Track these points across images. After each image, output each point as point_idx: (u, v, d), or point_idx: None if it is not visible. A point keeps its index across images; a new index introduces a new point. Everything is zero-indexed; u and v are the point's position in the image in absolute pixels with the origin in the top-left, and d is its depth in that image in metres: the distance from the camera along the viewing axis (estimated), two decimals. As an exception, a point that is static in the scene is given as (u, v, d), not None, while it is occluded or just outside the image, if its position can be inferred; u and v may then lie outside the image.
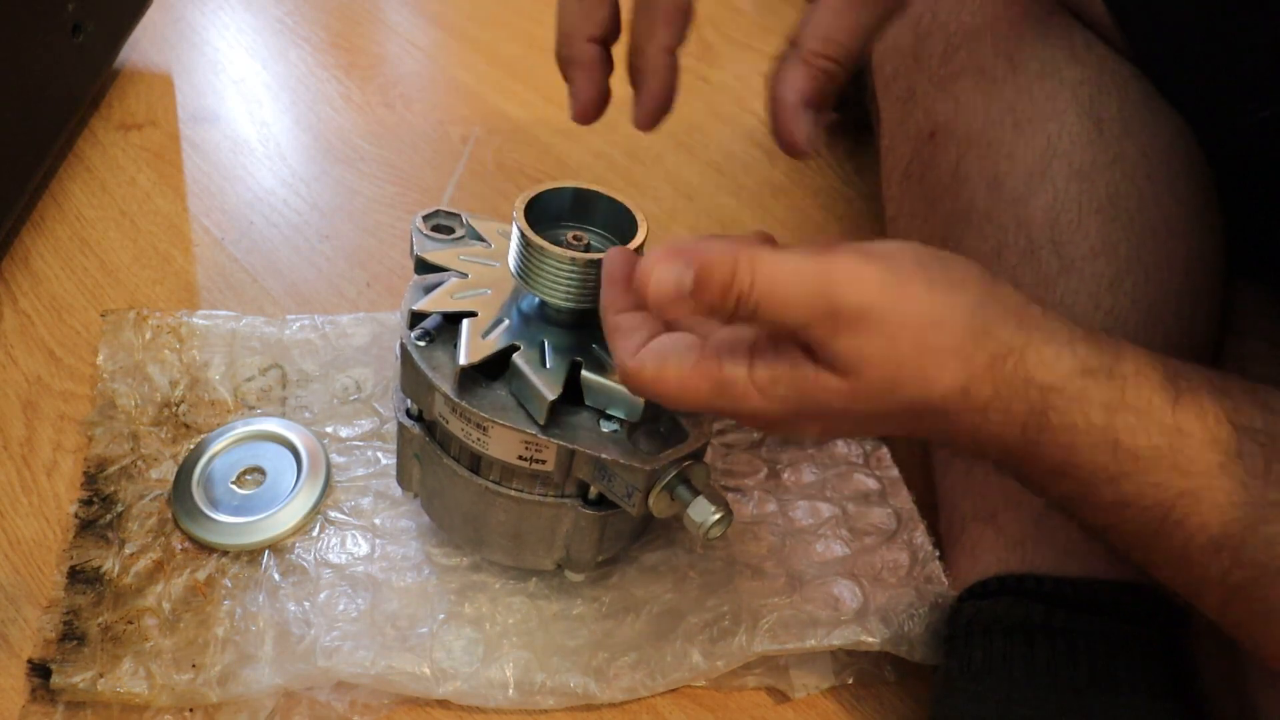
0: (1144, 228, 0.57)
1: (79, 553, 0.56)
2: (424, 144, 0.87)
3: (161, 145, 0.84)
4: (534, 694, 0.54)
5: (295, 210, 0.80)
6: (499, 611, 0.56)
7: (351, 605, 0.55)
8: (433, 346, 0.49)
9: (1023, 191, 0.58)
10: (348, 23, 1.01)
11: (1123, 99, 0.58)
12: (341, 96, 0.92)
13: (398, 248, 0.78)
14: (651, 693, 0.55)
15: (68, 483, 0.61)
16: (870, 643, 0.56)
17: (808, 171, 0.90)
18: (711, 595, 0.57)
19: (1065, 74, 0.59)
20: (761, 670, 0.56)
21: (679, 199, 0.86)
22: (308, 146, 0.86)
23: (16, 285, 0.71)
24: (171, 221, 0.78)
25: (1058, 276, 0.56)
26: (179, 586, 0.55)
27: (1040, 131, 0.58)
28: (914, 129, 0.64)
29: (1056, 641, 0.50)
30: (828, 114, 0.42)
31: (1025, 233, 0.57)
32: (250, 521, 0.58)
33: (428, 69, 0.96)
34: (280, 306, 0.73)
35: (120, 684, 0.51)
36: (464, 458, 0.51)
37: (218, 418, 0.64)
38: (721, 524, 0.46)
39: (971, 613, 0.53)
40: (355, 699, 0.53)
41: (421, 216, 0.55)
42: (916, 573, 0.59)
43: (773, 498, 0.63)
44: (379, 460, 0.62)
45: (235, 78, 0.92)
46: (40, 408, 0.64)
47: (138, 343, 0.67)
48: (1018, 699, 0.49)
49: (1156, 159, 0.58)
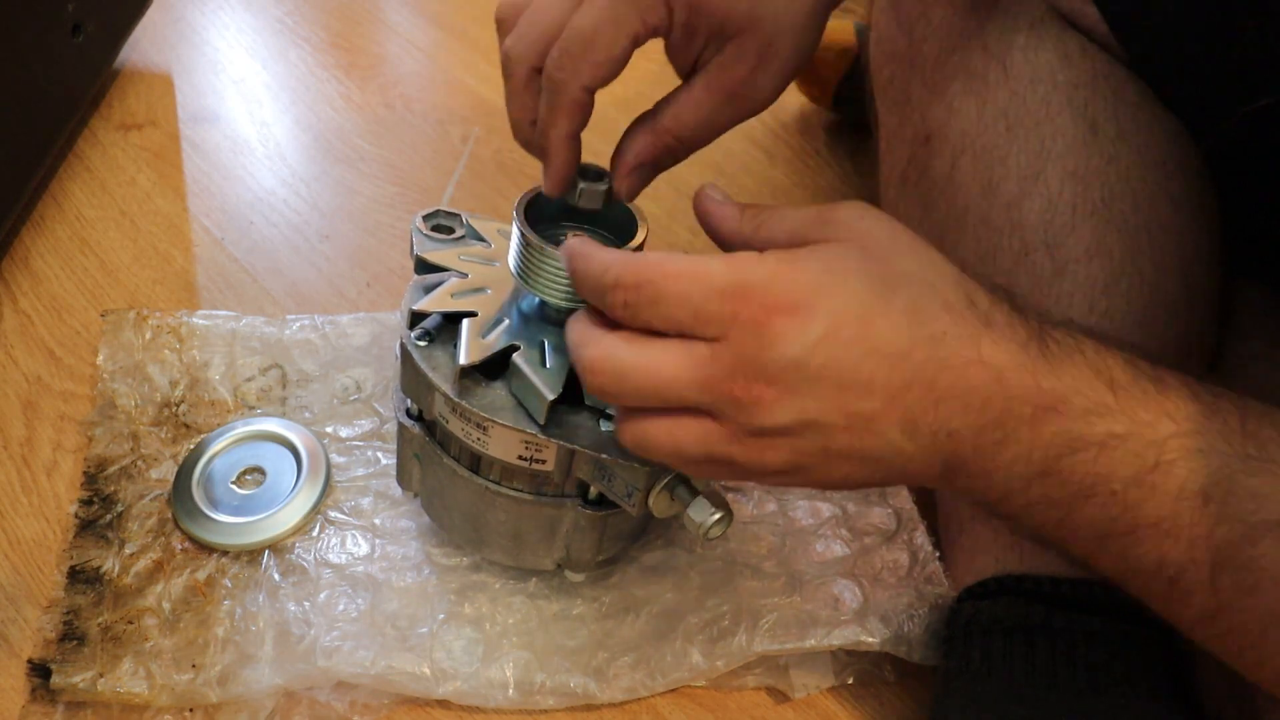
0: (1139, 230, 0.57)
1: (79, 553, 0.56)
2: (424, 144, 0.87)
3: (161, 145, 0.84)
4: (534, 694, 0.54)
5: (295, 210, 0.80)
6: (499, 611, 0.56)
7: (351, 605, 0.55)
8: (433, 346, 0.50)
9: (1017, 195, 0.58)
10: (348, 23, 1.01)
11: (1117, 102, 0.59)
12: (341, 96, 0.92)
13: (398, 248, 0.78)
14: (651, 693, 0.55)
15: (68, 483, 0.61)
16: (870, 643, 0.56)
17: (808, 171, 0.90)
18: (711, 595, 0.57)
19: (1059, 78, 0.59)
20: (761, 670, 0.56)
21: (679, 199, 0.86)
22: (308, 146, 0.86)
23: (16, 285, 0.71)
24: (171, 221, 0.78)
25: (1052, 279, 0.56)
26: (179, 586, 0.55)
27: (1034, 135, 0.58)
28: (910, 133, 0.64)
29: (1056, 642, 0.50)
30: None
31: (1019, 236, 0.58)
32: (250, 521, 0.58)
33: (428, 69, 0.96)
34: (280, 306, 0.73)
35: (120, 684, 0.51)
36: (464, 457, 0.51)
37: (218, 418, 0.64)
38: (721, 524, 0.46)
39: (970, 613, 0.53)
40: (355, 699, 0.53)
41: (421, 216, 0.55)
42: (916, 573, 0.59)
43: (772, 498, 0.63)
44: (379, 460, 0.62)
45: (235, 78, 0.92)
46: (40, 408, 0.64)
47: (138, 343, 0.67)
48: (1017, 699, 0.49)
49: (1151, 161, 0.58)
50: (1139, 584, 0.41)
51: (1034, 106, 0.59)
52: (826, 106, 0.93)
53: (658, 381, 0.39)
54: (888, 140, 0.67)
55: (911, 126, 0.64)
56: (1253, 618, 0.38)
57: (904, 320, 0.39)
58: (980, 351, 0.39)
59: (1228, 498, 0.37)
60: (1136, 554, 0.39)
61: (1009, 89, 0.60)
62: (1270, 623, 0.37)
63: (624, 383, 0.40)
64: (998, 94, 0.60)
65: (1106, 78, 0.59)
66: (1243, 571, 0.37)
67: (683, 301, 0.39)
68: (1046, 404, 0.39)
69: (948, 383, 0.39)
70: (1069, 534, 0.41)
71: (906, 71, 0.65)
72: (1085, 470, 0.39)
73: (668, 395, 0.39)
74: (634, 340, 0.40)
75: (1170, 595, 0.40)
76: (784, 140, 0.93)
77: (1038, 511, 0.40)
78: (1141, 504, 0.38)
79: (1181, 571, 0.38)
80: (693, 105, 0.46)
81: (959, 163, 0.61)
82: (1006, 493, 0.40)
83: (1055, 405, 0.39)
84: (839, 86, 0.89)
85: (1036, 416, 0.39)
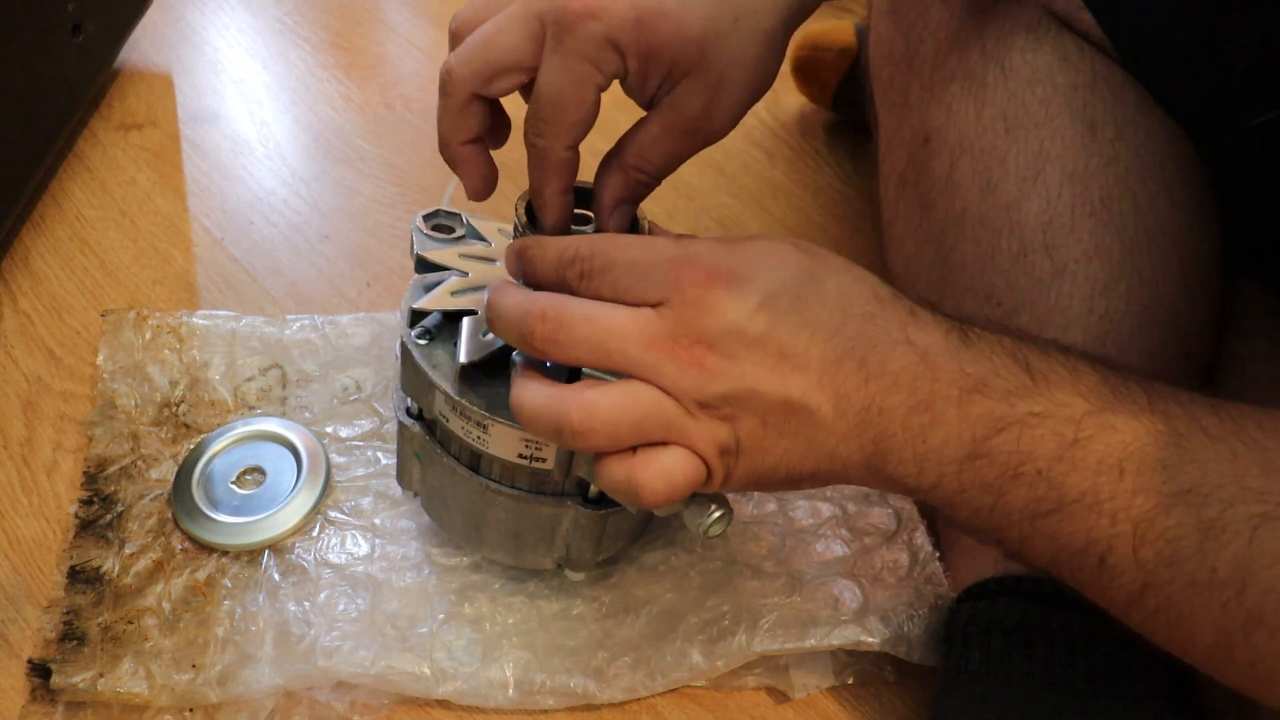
0: (1138, 231, 0.57)
1: (79, 553, 0.56)
2: (424, 144, 0.87)
3: (161, 145, 0.84)
4: (534, 694, 0.54)
5: (295, 210, 0.80)
6: (499, 611, 0.56)
7: (351, 605, 0.55)
8: (433, 345, 0.50)
9: (1015, 196, 0.58)
10: (348, 23, 1.01)
11: (1116, 103, 0.59)
12: (341, 96, 0.92)
13: (398, 248, 0.78)
14: (651, 693, 0.55)
15: (68, 483, 0.61)
16: (870, 643, 0.56)
17: (808, 171, 0.90)
18: (711, 595, 0.57)
19: (1058, 79, 0.59)
20: (761, 670, 0.56)
21: (679, 199, 0.86)
22: (308, 146, 0.86)
23: (16, 285, 0.71)
24: (171, 221, 0.78)
25: (1051, 280, 0.56)
26: (179, 586, 0.55)
27: (1033, 136, 0.58)
28: (909, 134, 0.64)
29: (1054, 642, 0.50)
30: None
31: (1018, 237, 0.58)
32: (250, 521, 0.58)
33: (428, 69, 0.96)
34: (280, 306, 0.73)
35: (120, 684, 0.51)
36: (464, 456, 0.51)
37: (218, 418, 0.64)
38: (721, 523, 0.46)
39: (969, 614, 0.53)
40: (355, 699, 0.53)
41: (421, 216, 0.55)
42: (916, 573, 0.59)
43: (772, 498, 0.63)
44: (379, 460, 0.62)
45: (235, 78, 0.92)
46: (40, 408, 0.64)
47: (138, 343, 0.67)
48: (1015, 700, 0.49)
49: (1150, 162, 0.58)
50: (1073, 568, 0.41)
51: (1033, 108, 0.59)
52: (826, 106, 0.93)
53: (601, 329, 0.40)
54: (887, 141, 0.67)
55: (910, 127, 0.64)
56: (1176, 589, 0.39)
57: (835, 302, 0.42)
58: (907, 334, 0.41)
59: (1141, 469, 0.39)
60: (1066, 532, 0.40)
61: (1007, 90, 0.60)
62: (1192, 592, 0.38)
63: (570, 331, 0.41)
64: (996, 95, 0.60)
65: (1105, 79, 0.59)
66: (1160, 542, 0.38)
67: (630, 266, 0.41)
68: (970, 386, 0.41)
69: (878, 361, 0.41)
70: (1002, 518, 0.41)
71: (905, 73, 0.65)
72: (1010, 449, 0.40)
73: (611, 347, 0.40)
74: (583, 299, 0.42)
75: (1101, 576, 0.40)
76: (784, 140, 0.93)
77: (971, 496, 0.41)
78: (1065, 479, 0.40)
79: (1109, 549, 0.40)
80: (651, 141, 0.46)
81: (958, 164, 0.61)
82: (939, 478, 0.41)
83: (978, 387, 0.40)
84: (839, 86, 0.90)
85: (963, 399, 0.40)
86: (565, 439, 0.41)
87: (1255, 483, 0.37)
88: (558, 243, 0.44)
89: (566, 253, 0.43)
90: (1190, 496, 0.38)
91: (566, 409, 0.40)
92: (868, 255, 0.75)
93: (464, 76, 0.46)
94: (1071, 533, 0.40)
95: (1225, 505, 0.37)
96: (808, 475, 0.43)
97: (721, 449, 0.41)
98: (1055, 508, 0.40)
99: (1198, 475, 0.38)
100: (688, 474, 0.41)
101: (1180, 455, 0.39)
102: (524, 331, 0.42)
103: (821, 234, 0.85)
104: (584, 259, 0.42)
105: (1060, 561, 0.41)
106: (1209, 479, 0.38)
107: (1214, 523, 0.37)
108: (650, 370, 0.40)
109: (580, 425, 0.40)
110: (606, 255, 0.42)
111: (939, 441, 0.41)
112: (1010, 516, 0.41)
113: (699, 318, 0.40)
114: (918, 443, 0.41)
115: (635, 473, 0.41)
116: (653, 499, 0.41)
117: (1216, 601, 0.38)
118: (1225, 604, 0.37)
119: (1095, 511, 0.39)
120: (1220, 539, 0.37)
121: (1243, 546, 0.37)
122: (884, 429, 0.41)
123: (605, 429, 0.40)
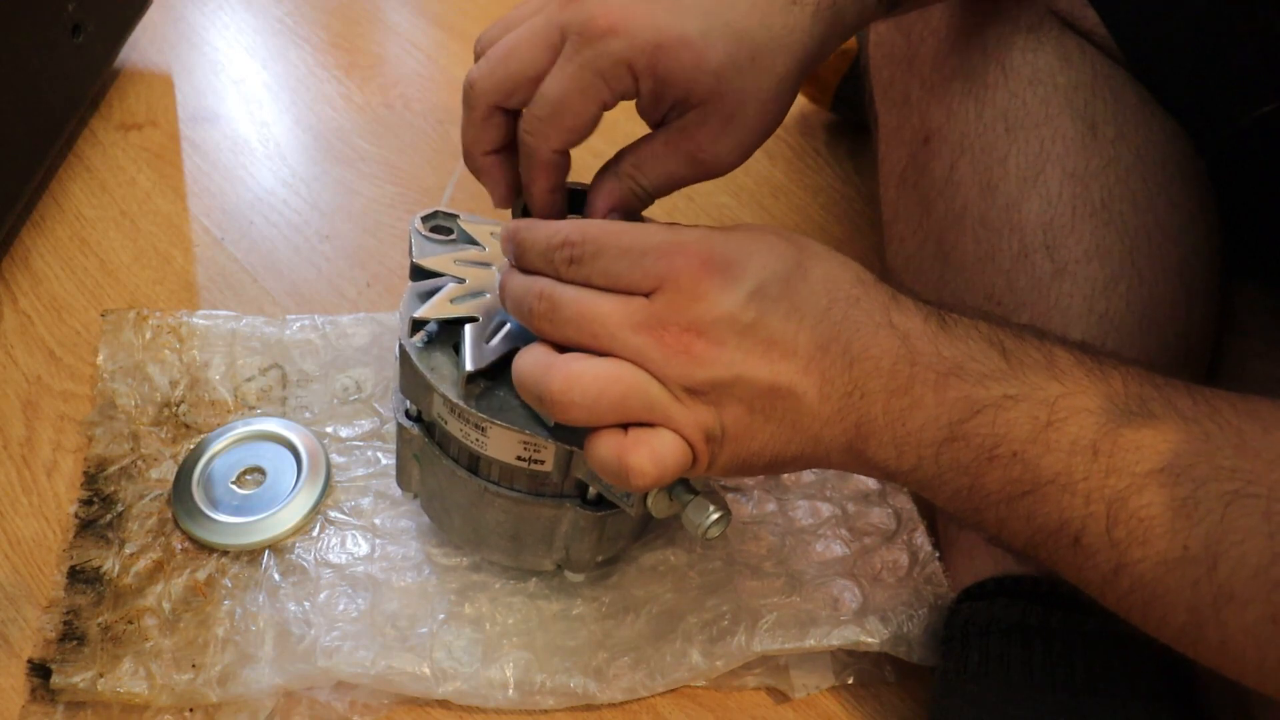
0: (1138, 231, 0.57)
1: (79, 553, 0.56)
2: (424, 144, 0.87)
3: (161, 145, 0.84)
4: (534, 694, 0.54)
5: (295, 210, 0.80)
6: (499, 611, 0.56)
7: (351, 605, 0.55)
8: (431, 348, 0.50)
9: (1016, 196, 0.58)
10: (348, 23, 1.01)
11: (1116, 103, 0.59)
12: (341, 96, 0.92)
13: (398, 248, 0.78)
14: (651, 693, 0.55)
15: (68, 483, 0.61)
16: (870, 643, 0.56)
17: (808, 171, 0.90)
18: (711, 595, 0.57)
19: (1058, 79, 0.59)
20: (761, 670, 0.56)
21: (679, 199, 0.86)
22: (308, 146, 0.86)
23: (16, 285, 0.72)
24: (171, 221, 0.78)
25: (1051, 280, 0.56)
26: (179, 586, 0.55)
27: (1033, 136, 0.58)
28: (909, 134, 0.64)
29: (1053, 643, 0.50)
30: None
31: (1019, 236, 0.58)
32: (250, 521, 0.58)
33: (428, 69, 0.96)
34: (280, 306, 0.73)
35: (120, 684, 0.51)
36: (463, 458, 0.51)
37: (218, 418, 0.64)
38: (720, 524, 0.46)
39: (969, 614, 0.53)
40: (355, 699, 0.53)
41: (420, 217, 0.54)
42: (916, 573, 0.59)
43: (772, 498, 0.63)
44: (379, 460, 0.62)
45: (235, 78, 0.92)
46: (40, 408, 0.64)
47: (138, 343, 0.67)
48: (1015, 700, 0.49)
49: (1151, 162, 0.58)
50: (1049, 549, 0.42)
51: (1033, 107, 0.59)
52: (826, 106, 0.93)
53: (590, 312, 0.41)
54: (887, 141, 0.67)
55: (910, 127, 0.64)
56: (1148, 567, 0.39)
57: (822, 288, 0.42)
58: (890, 317, 0.42)
59: (1114, 450, 0.39)
60: (1041, 513, 0.41)
61: (1008, 90, 0.60)
62: (1163, 570, 0.38)
63: (557, 311, 0.41)
64: (997, 95, 0.60)
65: (1106, 79, 0.59)
66: (1133, 521, 0.39)
67: (621, 254, 0.41)
68: (946, 369, 0.41)
69: (862, 345, 0.41)
70: (980, 500, 0.42)
71: (905, 72, 0.65)
72: (987, 431, 0.41)
73: (598, 330, 0.41)
74: (573, 285, 0.42)
75: (1076, 556, 0.41)
76: (784, 140, 0.93)
77: (949, 479, 0.42)
78: (1039, 461, 0.40)
79: (1083, 529, 0.40)
80: (651, 158, 0.47)
81: (958, 163, 0.61)
82: (918, 461, 0.42)
83: (954, 371, 0.41)
84: (839, 86, 0.89)
85: (939, 382, 0.41)
86: (546, 406, 0.42)
87: (1227, 462, 0.38)
88: (548, 226, 0.44)
89: (555, 237, 0.43)
90: (1162, 476, 0.38)
91: (550, 376, 0.41)
92: (868, 255, 0.75)
93: (485, 89, 0.46)
94: (1046, 514, 0.41)
95: (1197, 484, 0.38)
96: (791, 459, 0.43)
97: (707, 434, 0.42)
98: (1030, 489, 0.40)
99: (1170, 455, 0.38)
100: (678, 458, 0.42)
101: (1153, 436, 0.39)
102: (525, 309, 0.43)
103: (821, 234, 0.85)
104: (573, 244, 0.42)
105: (1037, 543, 0.42)
106: (1181, 459, 0.38)
107: (1186, 501, 0.38)
108: (636, 354, 0.41)
109: (560, 395, 0.41)
110: (597, 241, 0.42)
111: (917, 425, 0.41)
112: (988, 498, 0.42)
113: (691, 305, 0.40)
114: (897, 426, 0.42)
115: (626, 453, 0.41)
116: (641, 481, 0.41)
117: (1189, 579, 0.38)
118: (1197, 581, 0.38)
119: (1069, 492, 0.40)
120: (1192, 517, 0.38)
121: (1214, 524, 0.37)
122: (866, 412, 0.42)
123: (584, 401, 0.41)
